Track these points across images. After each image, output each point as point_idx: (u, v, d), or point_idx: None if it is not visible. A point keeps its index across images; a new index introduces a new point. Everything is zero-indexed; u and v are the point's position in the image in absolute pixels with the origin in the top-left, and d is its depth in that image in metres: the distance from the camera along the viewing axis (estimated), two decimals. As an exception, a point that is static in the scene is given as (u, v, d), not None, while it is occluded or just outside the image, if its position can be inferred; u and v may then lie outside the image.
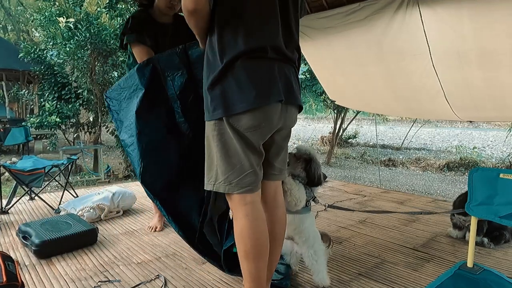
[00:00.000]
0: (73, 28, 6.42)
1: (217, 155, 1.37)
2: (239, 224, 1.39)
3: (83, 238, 2.24)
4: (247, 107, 1.30)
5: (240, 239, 1.40)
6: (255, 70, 1.32)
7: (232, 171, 1.36)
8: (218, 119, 1.34)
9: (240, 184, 1.37)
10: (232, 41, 1.31)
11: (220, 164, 1.37)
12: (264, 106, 1.33)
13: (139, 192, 3.53)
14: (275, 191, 1.56)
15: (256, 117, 1.33)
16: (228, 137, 1.34)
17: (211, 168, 1.41)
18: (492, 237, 2.32)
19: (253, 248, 1.38)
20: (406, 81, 3.89)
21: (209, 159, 1.42)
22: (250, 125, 1.33)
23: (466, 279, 1.34)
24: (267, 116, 1.35)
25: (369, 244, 2.38)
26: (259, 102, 1.31)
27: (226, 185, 1.37)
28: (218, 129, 1.35)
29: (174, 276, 1.89)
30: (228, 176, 1.36)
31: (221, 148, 1.36)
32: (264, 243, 1.40)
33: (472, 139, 14.76)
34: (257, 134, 1.36)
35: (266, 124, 1.36)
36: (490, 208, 1.35)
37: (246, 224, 1.37)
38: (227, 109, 1.31)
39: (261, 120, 1.34)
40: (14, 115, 10.88)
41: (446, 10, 2.96)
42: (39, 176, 2.93)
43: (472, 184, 1.41)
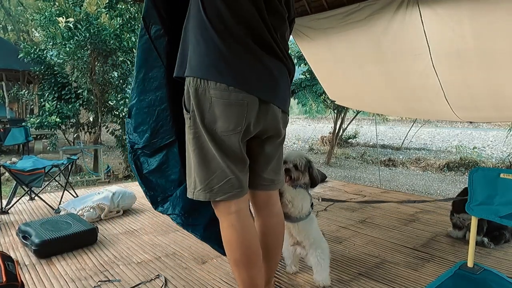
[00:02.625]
0: (73, 28, 6.42)
1: (194, 161, 1.28)
2: (225, 233, 1.33)
3: (83, 237, 2.23)
4: (222, 80, 1.18)
5: (228, 248, 1.34)
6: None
7: (212, 177, 1.26)
8: (193, 120, 1.23)
9: (222, 190, 1.26)
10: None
11: (198, 171, 1.27)
12: (241, 93, 1.21)
13: (139, 192, 3.52)
14: (267, 201, 1.47)
15: (230, 113, 1.21)
16: (204, 140, 1.25)
17: (189, 174, 1.32)
18: (492, 237, 2.32)
19: (243, 256, 1.31)
20: (406, 81, 3.89)
21: (187, 165, 1.33)
22: (225, 127, 1.22)
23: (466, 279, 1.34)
24: (242, 113, 1.23)
25: (369, 244, 2.38)
26: (236, 83, 1.19)
27: (207, 192, 1.27)
28: (194, 132, 1.26)
29: (174, 276, 1.89)
30: (208, 183, 1.26)
31: (197, 153, 1.26)
32: (254, 251, 1.33)
33: (472, 139, 14.76)
34: (236, 137, 1.25)
35: (241, 124, 1.24)
36: (490, 208, 1.35)
37: (233, 234, 1.30)
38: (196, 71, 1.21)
39: (236, 119, 1.22)
40: (14, 115, 10.88)
41: (446, 10, 2.96)
42: (39, 176, 2.93)
43: (472, 184, 1.41)
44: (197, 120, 1.24)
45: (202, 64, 1.23)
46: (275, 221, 1.50)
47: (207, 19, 1.21)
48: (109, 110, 7.45)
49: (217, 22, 1.21)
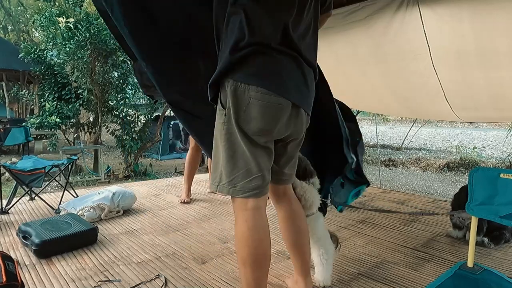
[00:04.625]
0: (73, 28, 6.42)
1: (223, 156, 1.32)
2: (238, 229, 1.36)
3: (83, 237, 2.23)
4: (263, 85, 1.25)
5: (238, 244, 1.37)
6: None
7: (237, 174, 1.31)
8: (227, 119, 1.28)
9: (245, 187, 1.31)
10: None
11: (226, 166, 1.32)
12: (277, 97, 1.27)
13: (139, 192, 3.53)
14: (285, 191, 1.56)
15: (266, 114, 1.27)
16: (236, 137, 1.29)
17: (216, 168, 1.37)
18: (492, 237, 2.32)
19: (250, 256, 1.33)
20: (406, 81, 3.89)
21: (215, 159, 1.37)
22: (259, 128, 1.28)
23: (466, 279, 1.34)
24: (277, 115, 1.29)
25: (369, 244, 2.38)
26: (274, 89, 1.26)
27: (230, 187, 1.32)
28: (227, 128, 1.30)
29: (174, 276, 1.89)
30: (233, 179, 1.31)
31: (227, 148, 1.31)
32: (263, 252, 1.35)
33: (472, 139, 14.75)
34: (268, 138, 1.33)
35: (274, 126, 1.30)
36: (490, 208, 1.35)
37: (245, 230, 1.33)
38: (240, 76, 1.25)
39: (271, 120, 1.28)
40: (14, 115, 10.88)
41: (446, 10, 2.96)
42: (39, 176, 2.93)
43: (472, 184, 1.41)
44: (231, 117, 1.28)
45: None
46: (296, 205, 1.58)
47: (247, 28, 1.26)
48: (109, 110, 7.45)
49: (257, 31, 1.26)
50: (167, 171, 8.08)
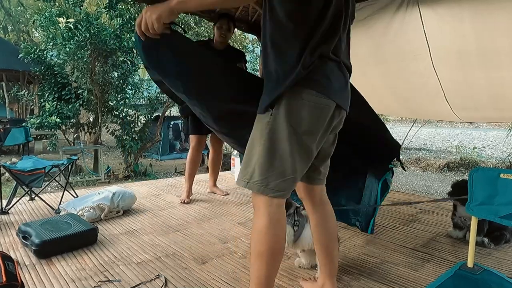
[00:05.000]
0: (73, 28, 6.42)
1: (261, 154, 1.32)
2: (259, 223, 1.36)
3: (83, 238, 2.23)
4: (322, 91, 1.30)
5: (257, 238, 1.36)
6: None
7: (272, 174, 1.31)
8: (273, 116, 1.30)
9: (276, 188, 1.32)
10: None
11: (261, 164, 1.32)
12: (326, 99, 1.32)
13: (139, 192, 3.53)
14: (321, 193, 1.59)
15: (316, 115, 1.32)
16: (279, 137, 1.30)
17: (248, 165, 1.36)
18: (493, 237, 2.32)
19: (269, 250, 1.34)
20: (406, 81, 3.89)
21: (247, 156, 1.38)
22: (308, 128, 1.31)
23: (466, 279, 1.33)
24: (325, 116, 1.34)
25: (369, 244, 2.38)
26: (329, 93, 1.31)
27: (262, 186, 1.32)
28: (272, 128, 1.31)
29: (174, 276, 1.89)
30: (267, 178, 1.32)
31: (267, 147, 1.31)
32: (280, 247, 1.37)
33: (472, 139, 14.75)
34: (314, 139, 1.35)
35: (321, 127, 1.35)
36: (490, 208, 1.35)
37: (267, 224, 1.34)
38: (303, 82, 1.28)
39: (320, 121, 1.33)
40: (14, 116, 10.89)
41: (446, 9, 2.97)
42: (39, 177, 2.93)
43: (472, 184, 1.41)
44: (279, 117, 1.30)
45: None
46: (329, 208, 1.61)
47: (295, 34, 1.30)
48: (109, 110, 7.45)
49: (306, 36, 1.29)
50: (167, 171, 8.09)
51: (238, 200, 3.43)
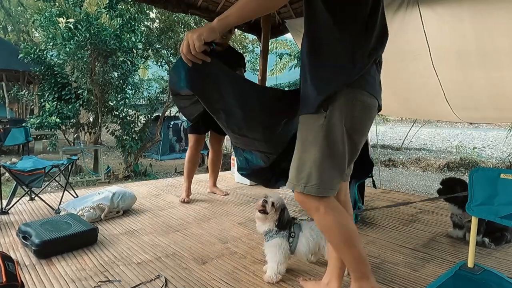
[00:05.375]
0: (73, 28, 6.43)
1: (317, 156, 1.32)
2: (326, 219, 1.39)
3: (83, 238, 2.23)
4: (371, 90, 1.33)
5: (333, 232, 1.40)
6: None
7: (328, 175, 1.33)
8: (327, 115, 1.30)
9: (331, 187, 1.36)
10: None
11: (318, 166, 1.32)
12: (374, 100, 1.36)
13: (139, 193, 3.53)
14: (346, 190, 1.63)
15: (367, 116, 1.36)
16: (335, 138, 1.31)
17: (302, 169, 1.36)
18: (493, 238, 2.32)
19: (352, 234, 1.40)
20: (406, 81, 3.89)
21: (300, 160, 1.37)
22: (360, 129, 1.35)
23: (466, 279, 1.33)
24: (373, 116, 1.39)
25: (369, 244, 2.37)
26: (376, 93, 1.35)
27: (320, 188, 1.33)
28: (327, 130, 1.30)
29: (174, 276, 1.89)
30: (324, 179, 1.33)
31: (324, 149, 1.31)
32: (354, 228, 1.44)
33: (472, 139, 14.76)
34: (363, 138, 1.39)
35: (370, 126, 1.41)
36: (490, 208, 1.35)
37: (333, 217, 1.38)
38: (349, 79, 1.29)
39: (370, 120, 1.38)
40: (14, 116, 10.89)
41: (446, 10, 2.96)
42: (39, 177, 2.93)
43: (472, 184, 1.41)
44: (334, 119, 1.30)
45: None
46: (351, 210, 1.66)
47: (343, 37, 1.31)
48: (109, 110, 7.46)
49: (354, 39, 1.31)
50: (167, 171, 8.09)
51: (238, 200, 3.43)
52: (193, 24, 8.13)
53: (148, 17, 8.16)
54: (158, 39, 7.84)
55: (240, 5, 1.22)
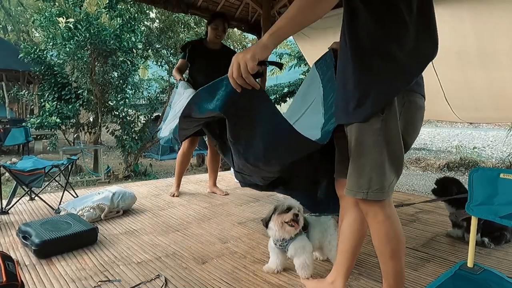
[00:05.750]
0: (73, 28, 6.43)
1: (377, 161, 1.32)
2: (383, 226, 1.39)
3: (83, 238, 2.23)
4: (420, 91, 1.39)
5: (386, 241, 1.41)
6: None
7: (387, 178, 1.34)
8: (382, 116, 1.30)
9: (389, 189, 1.36)
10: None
11: (379, 171, 1.32)
12: (424, 101, 1.44)
13: (139, 192, 3.53)
14: None
15: (419, 117, 1.42)
16: (393, 141, 1.32)
17: (361, 174, 1.35)
18: (493, 237, 2.32)
19: (400, 246, 1.42)
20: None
21: (358, 164, 1.36)
22: (413, 130, 1.40)
23: (466, 279, 1.33)
24: (423, 117, 1.46)
25: (369, 244, 2.36)
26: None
27: (381, 192, 1.33)
28: (385, 134, 1.30)
29: (174, 276, 1.89)
30: (384, 183, 1.33)
31: (384, 153, 1.31)
32: (404, 237, 1.46)
33: (472, 139, 14.75)
34: (414, 139, 1.43)
35: (420, 127, 1.46)
36: (490, 208, 1.35)
37: (391, 225, 1.39)
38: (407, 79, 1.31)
39: (421, 122, 1.44)
40: (14, 116, 10.89)
41: (447, 10, 2.96)
42: (39, 177, 2.93)
43: (472, 184, 1.41)
44: (390, 122, 1.30)
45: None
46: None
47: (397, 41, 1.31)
48: (109, 110, 7.46)
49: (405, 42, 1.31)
50: (167, 171, 8.09)
51: (238, 200, 3.43)
52: (193, 24, 8.14)
53: (148, 17, 8.16)
54: (158, 39, 7.85)
55: (289, 18, 1.19)
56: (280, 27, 1.18)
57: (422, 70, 1.34)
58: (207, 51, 3.38)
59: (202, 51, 3.37)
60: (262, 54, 1.16)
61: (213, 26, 3.32)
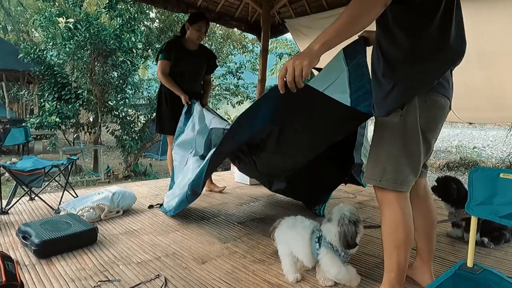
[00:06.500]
0: (73, 28, 6.43)
1: (392, 152, 1.44)
2: (394, 216, 1.48)
3: (83, 238, 2.23)
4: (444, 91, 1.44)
5: (394, 231, 1.49)
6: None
7: (403, 170, 1.44)
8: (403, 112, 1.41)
9: (405, 182, 1.45)
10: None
11: (394, 161, 1.44)
12: (446, 100, 1.48)
13: (139, 192, 3.53)
14: (425, 185, 1.73)
15: (440, 114, 1.48)
16: (411, 136, 1.42)
17: (376, 164, 1.49)
18: (492, 237, 2.32)
19: (406, 238, 1.48)
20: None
21: (374, 155, 1.51)
22: (434, 127, 1.47)
23: (466, 279, 1.33)
24: (445, 115, 1.51)
25: (369, 244, 2.37)
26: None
27: (395, 183, 1.45)
28: (403, 128, 1.42)
29: (174, 276, 1.89)
30: (399, 175, 1.44)
31: (400, 145, 1.43)
32: (412, 234, 1.52)
33: (472, 139, 14.75)
34: (435, 136, 1.49)
35: (441, 124, 1.51)
36: (490, 208, 1.35)
37: (402, 217, 1.47)
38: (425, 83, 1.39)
39: (442, 119, 1.49)
40: (14, 116, 10.88)
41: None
42: (39, 177, 2.93)
43: (472, 184, 1.41)
44: (409, 117, 1.42)
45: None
46: (431, 201, 1.75)
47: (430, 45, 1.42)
48: (109, 110, 7.46)
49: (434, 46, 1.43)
50: (167, 171, 8.07)
51: (238, 200, 3.43)
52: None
53: (148, 17, 8.16)
54: (158, 39, 7.85)
55: (338, 29, 1.27)
56: (331, 37, 1.27)
57: (443, 74, 1.43)
58: (187, 52, 3.27)
59: (183, 52, 3.25)
60: (315, 62, 1.28)
61: (197, 27, 3.21)
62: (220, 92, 10.05)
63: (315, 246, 1.76)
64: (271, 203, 3.32)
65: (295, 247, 1.82)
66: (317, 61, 1.28)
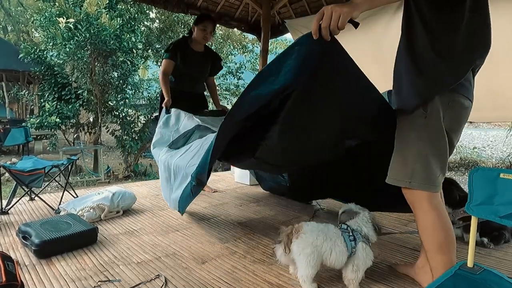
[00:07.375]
0: (73, 28, 6.43)
1: (420, 152, 1.43)
2: (428, 217, 1.44)
3: (83, 238, 2.23)
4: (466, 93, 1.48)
5: (431, 232, 1.44)
6: None
7: (433, 171, 1.43)
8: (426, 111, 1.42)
9: (436, 182, 1.44)
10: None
11: (422, 162, 1.43)
12: (469, 102, 1.52)
13: (139, 192, 3.53)
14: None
15: (463, 116, 1.52)
16: (436, 137, 1.43)
17: (405, 164, 1.47)
18: (492, 237, 2.32)
19: (447, 239, 1.44)
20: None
21: (402, 155, 1.49)
22: (458, 128, 1.50)
23: (466, 279, 1.33)
24: (467, 116, 1.54)
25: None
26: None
27: (425, 184, 1.43)
28: (429, 130, 1.43)
29: (174, 276, 1.89)
30: (430, 175, 1.43)
31: (426, 145, 1.43)
32: (453, 232, 1.49)
33: (472, 139, 14.74)
34: (458, 136, 1.53)
35: (464, 125, 1.54)
36: (490, 208, 1.35)
37: (437, 216, 1.43)
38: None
39: (465, 120, 1.53)
40: (14, 116, 10.88)
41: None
42: (39, 177, 2.93)
43: (472, 184, 1.41)
44: (434, 117, 1.43)
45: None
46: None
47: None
48: (109, 110, 7.46)
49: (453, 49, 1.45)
50: (167, 171, 8.08)
51: (238, 200, 3.43)
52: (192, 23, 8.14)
53: (148, 17, 8.17)
54: (158, 39, 7.86)
55: None
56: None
57: (465, 75, 1.44)
58: (192, 53, 3.29)
59: (188, 52, 3.27)
60: (355, 14, 1.19)
61: (202, 27, 3.22)
62: (220, 92, 10.06)
63: (350, 245, 1.72)
64: (271, 203, 3.32)
65: (328, 252, 1.70)
66: (358, 13, 1.19)
